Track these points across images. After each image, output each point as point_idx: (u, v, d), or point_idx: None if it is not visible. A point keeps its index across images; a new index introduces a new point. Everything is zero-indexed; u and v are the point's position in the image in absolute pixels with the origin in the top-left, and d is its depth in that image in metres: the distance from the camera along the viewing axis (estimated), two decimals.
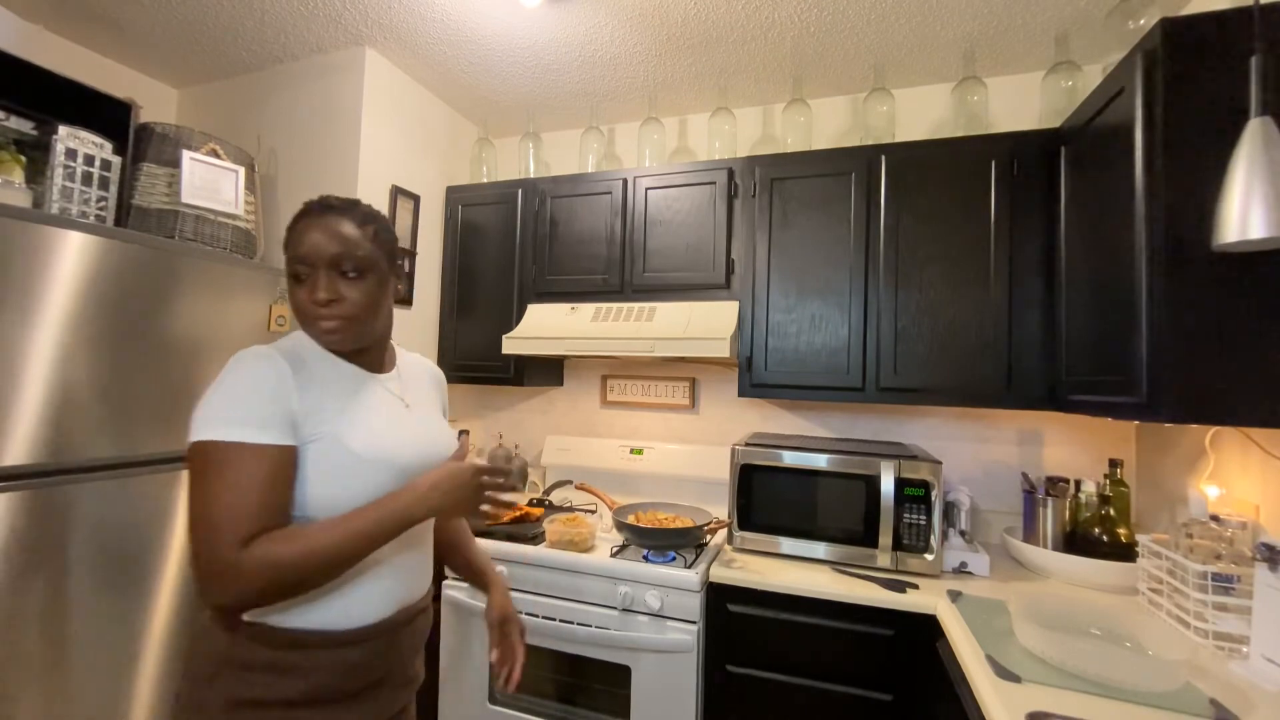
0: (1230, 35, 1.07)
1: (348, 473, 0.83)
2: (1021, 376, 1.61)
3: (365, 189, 1.99)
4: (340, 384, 0.89)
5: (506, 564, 1.68)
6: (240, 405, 0.79)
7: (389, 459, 0.87)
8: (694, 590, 1.52)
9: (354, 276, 0.87)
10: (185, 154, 1.68)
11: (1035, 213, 1.62)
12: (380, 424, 0.89)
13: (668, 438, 2.30)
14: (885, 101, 1.92)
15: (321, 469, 0.82)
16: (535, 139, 2.36)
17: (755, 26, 1.77)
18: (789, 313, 1.84)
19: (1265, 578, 1.07)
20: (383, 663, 0.88)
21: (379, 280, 0.90)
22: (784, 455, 1.69)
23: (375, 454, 0.85)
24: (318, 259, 0.85)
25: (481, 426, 2.60)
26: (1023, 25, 1.72)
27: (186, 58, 2.09)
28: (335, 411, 0.85)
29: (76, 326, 1.31)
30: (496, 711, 1.68)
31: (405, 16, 1.80)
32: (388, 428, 0.90)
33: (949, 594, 1.43)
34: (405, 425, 0.94)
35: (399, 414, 0.94)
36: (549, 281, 2.14)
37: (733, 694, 1.53)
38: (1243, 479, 1.31)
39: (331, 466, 0.82)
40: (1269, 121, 0.92)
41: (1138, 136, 1.17)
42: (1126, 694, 0.99)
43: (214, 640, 0.82)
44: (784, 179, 1.86)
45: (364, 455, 0.84)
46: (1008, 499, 1.90)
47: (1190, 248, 1.08)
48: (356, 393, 0.90)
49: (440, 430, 1.01)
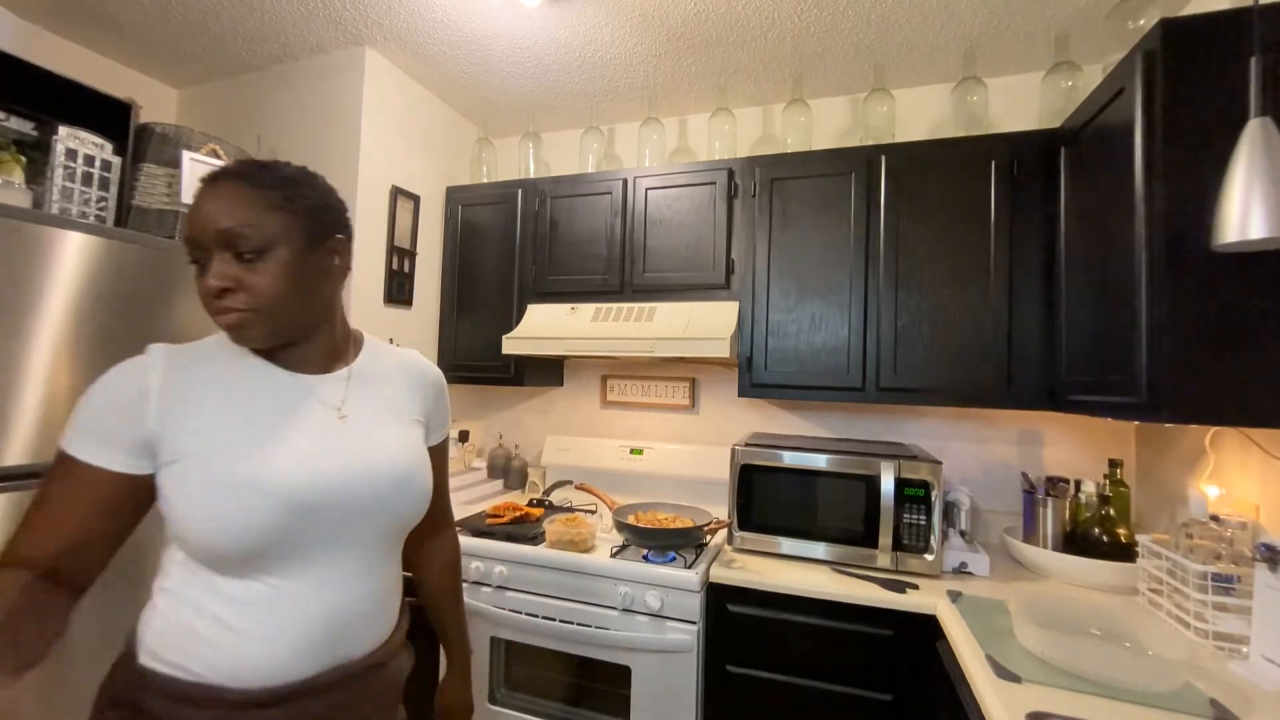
0: (1230, 35, 1.07)
1: (220, 502, 0.68)
2: (1021, 376, 1.61)
3: (365, 189, 1.99)
4: (239, 393, 0.74)
5: (506, 564, 1.68)
6: (88, 417, 0.70)
7: (266, 487, 0.69)
8: (694, 590, 1.52)
9: (251, 258, 0.71)
10: (185, 154, 1.68)
11: (1035, 213, 1.62)
12: (275, 442, 0.72)
13: (668, 438, 2.30)
14: (885, 101, 1.92)
15: (190, 495, 0.69)
16: (535, 139, 2.36)
17: (755, 27, 1.77)
18: (789, 313, 1.84)
19: (1265, 578, 1.07)
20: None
21: (294, 259, 0.73)
22: (784, 455, 1.69)
23: (245, 481, 0.69)
24: (206, 238, 0.70)
25: (481, 426, 2.60)
26: (1023, 25, 1.72)
27: (186, 58, 2.09)
28: (212, 428, 0.71)
29: (76, 326, 1.31)
30: (496, 711, 1.68)
31: (405, 17, 1.80)
32: (284, 448, 0.72)
33: (949, 594, 1.43)
34: (324, 442, 0.76)
35: (322, 428, 0.77)
36: (549, 281, 2.14)
37: (733, 694, 1.53)
38: (1243, 479, 1.31)
39: (201, 493, 0.69)
40: (1269, 122, 0.92)
41: (1138, 136, 1.17)
42: (1126, 694, 0.99)
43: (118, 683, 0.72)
44: (784, 179, 1.86)
45: (230, 482, 0.69)
46: (1008, 499, 1.90)
47: (1190, 248, 1.08)
48: (260, 402, 0.75)
49: (392, 447, 0.82)
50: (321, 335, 0.81)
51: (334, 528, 0.74)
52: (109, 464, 0.69)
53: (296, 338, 0.78)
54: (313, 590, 0.73)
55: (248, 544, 0.68)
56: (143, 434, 0.70)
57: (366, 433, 0.80)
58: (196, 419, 0.71)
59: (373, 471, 0.78)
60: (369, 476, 0.77)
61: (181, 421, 0.71)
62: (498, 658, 1.72)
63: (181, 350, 0.76)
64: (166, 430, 0.70)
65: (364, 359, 0.87)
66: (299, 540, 0.72)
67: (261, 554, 0.70)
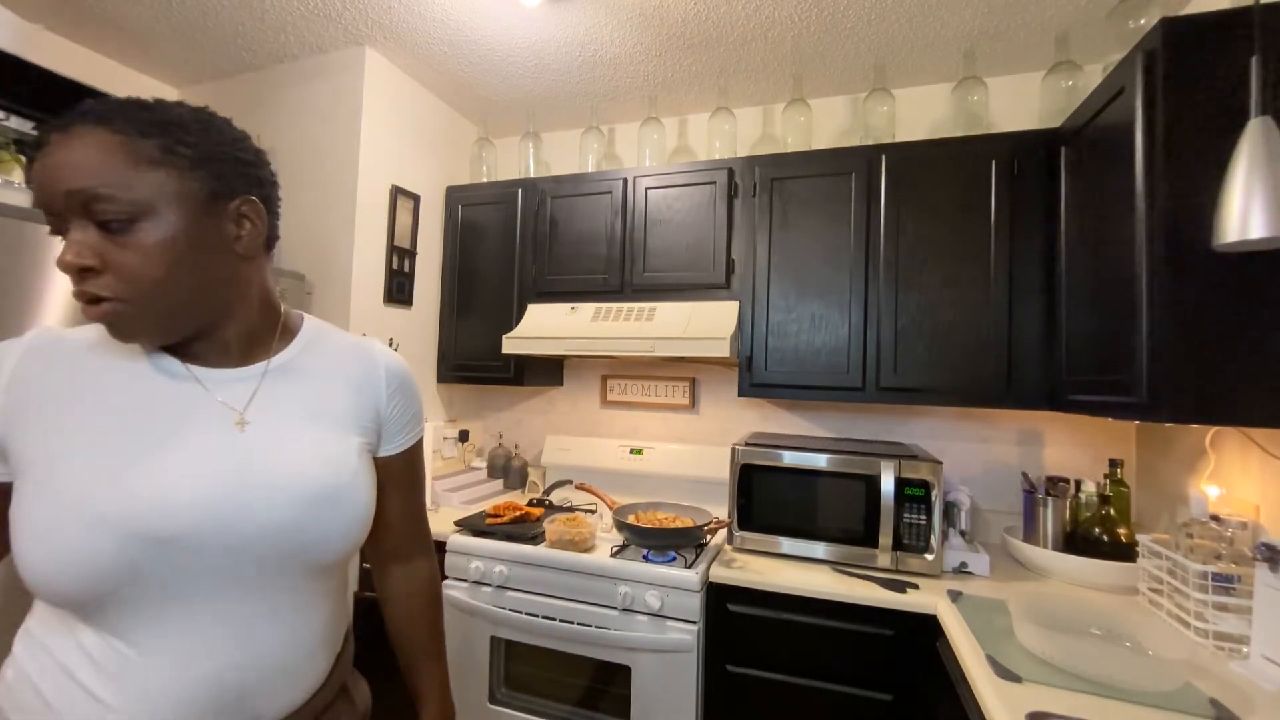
0: (1230, 35, 1.07)
1: (51, 529, 0.53)
2: (1021, 376, 1.61)
3: (365, 189, 1.99)
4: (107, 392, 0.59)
5: (506, 564, 1.68)
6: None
7: (119, 513, 0.54)
8: (694, 590, 1.52)
9: (119, 229, 0.54)
10: None
11: (1035, 213, 1.62)
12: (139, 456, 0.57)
13: (668, 438, 2.30)
14: (885, 101, 1.92)
15: (23, 518, 0.55)
16: (535, 139, 2.36)
17: (755, 26, 1.77)
18: (789, 312, 1.84)
19: (1265, 578, 1.07)
20: None
21: (179, 231, 0.56)
22: (784, 455, 1.69)
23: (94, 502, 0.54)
24: (52, 203, 0.54)
25: (481, 426, 2.60)
26: (1023, 25, 1.72)
27: (187, 58, 2.09)
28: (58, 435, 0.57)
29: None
30: (496, 711, 1.68)
31: (405, 16, 1.80)
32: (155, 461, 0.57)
33: (949, 594, 1.43)
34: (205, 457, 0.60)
35: (210, 438, 0.61)
36: (549, 281, 2.14)
37: (733, 694, 1.53)
38: (1243, 479, 1.31)
39: (33, 516, 0.54)
40: (1269, 121, 0.92)
41: (1138, 137, 1.17)
42: (1126, 694, 0.99)
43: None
44: (784, 179, 1.86)
45: (71, 502, 0.54)
46: (1008, 499, 1.90)
47: (1190, 248, 1.08)
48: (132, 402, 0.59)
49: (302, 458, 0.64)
50: (233, 323, 0.65)
51: (215, 567, 0.58)
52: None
53: (196, 330, 0.62)
54: (195, 648, 0.57)
55: (82, 586, 0.53)
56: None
57: (271, 444, 0.63)
58: (46, 423, 0.57)
59: (270, 493, 0.61)
60: (264, 500, 0.60)
61: (29, 425, 0.57)
62: (498, 658, 1.72)
63: (51, 336, 0.62)
64: (14, 434, 0.57)
65: (293, 350, 0.70)
66: (165, 582, 0.56)
67: (110, 599, 0.55)
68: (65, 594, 0.54)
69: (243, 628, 0.60)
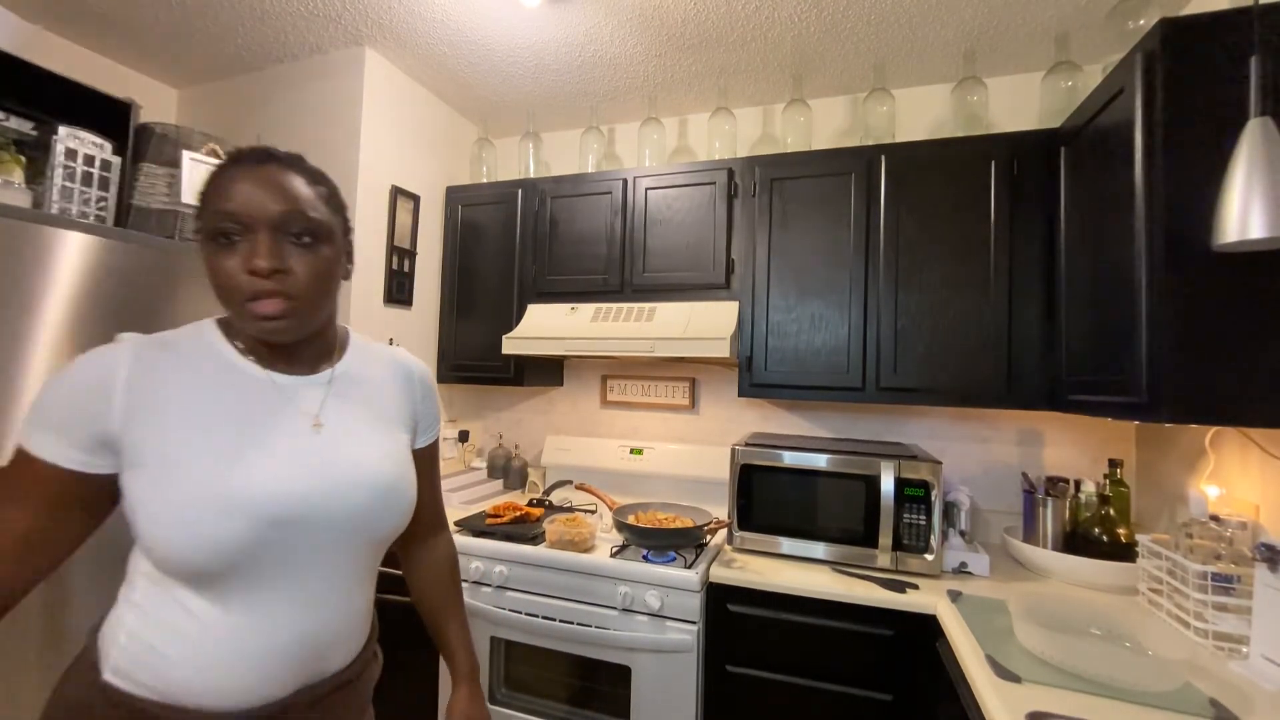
0: (1230, 35, 1.07)
1: (175, 515, 0.64)
2: (1021, 377, 1.61)
3: (365, 189, 1.99)
4: (212, 393, 0.69)
5: (506, 564, 1.68)
6: (40, 406, 0.65)
7: (236, 500, 0.65)
8: (694, 590, 1.52)
9: (309, 243, 0.68)
10: (185, 154, 1.68)
11: (1035, 213, 1.62)
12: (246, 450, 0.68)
13: (668, 438, 2.30)
14: (885, 101, 1.92)
15: (156, 504, 0.64)
16: (535, 139, 2.36)
17: (755, 27, 1.77)
18: (789, 312, 1.84)
19: (1265, 578, 1.07)
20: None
21: (333, 255, 0.72)
22: (784, 455, 1.69)
23: (215, 493, 0.65)
24: (257, 217, 0.65)
25: (481, 426, 2.60)
26: (1023, 25, 1.72)
27: (186, 58, 2.09)
28: (179, 431, 0.66)
29: (76, 327, 1.31)
30: (496, 711, 1.68)
31: (405, 16, 1.80)
32: (257, 456, 0.68)
33: (949, 594, 1.43)
34: (296, 452, 0.71)
35: (295, 438, 0.72)
36: (549, 281, 2.14)
37: (732, 694, 1.53)
38: (1243, 479, 1.31)
39: (167, 502, 0.64)
40: (1269, 121, 0.92)
41: (1138, 136, 1.17)
42: (1126, 694, 0.99)
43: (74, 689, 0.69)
44: (784, 179, 1.86)
45: (198, 493, 0.64)
46: (1008, 499, 1.90)
47: (1190, 248, 1.08)
48: (233, 406, 0.70)
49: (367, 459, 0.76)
50: (321, 335, 0.78)
51: (307, 546, 0.70)
52: (63, 461, 0.64)
53: (307, 336, 0.75)
54: (285, 611, 0.69)
55: (214, 560, 0.64)
56: (104, 431, 0.65)
57: (342, 444, 0.75)
58: (163, 420, 0.66)
59: (347, 487, 0.73)
60: (342, 492, 0.72)
61: (147, 421, 0.65)
62: (498, 658, 1.72)
63: (153, 341, 0.70)
64: (131, 430, 0.65)
65: (349, 360, 0.82)
66: (270, 558, 0.68)
67: (229, 571, 0.66)
68: (197, 566, 0.64)
69: (319, 595, 0.72)
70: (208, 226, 0.67)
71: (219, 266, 0.66)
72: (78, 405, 0.65)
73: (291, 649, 0.69)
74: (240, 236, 0.66)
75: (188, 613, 0.66)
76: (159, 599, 0.67)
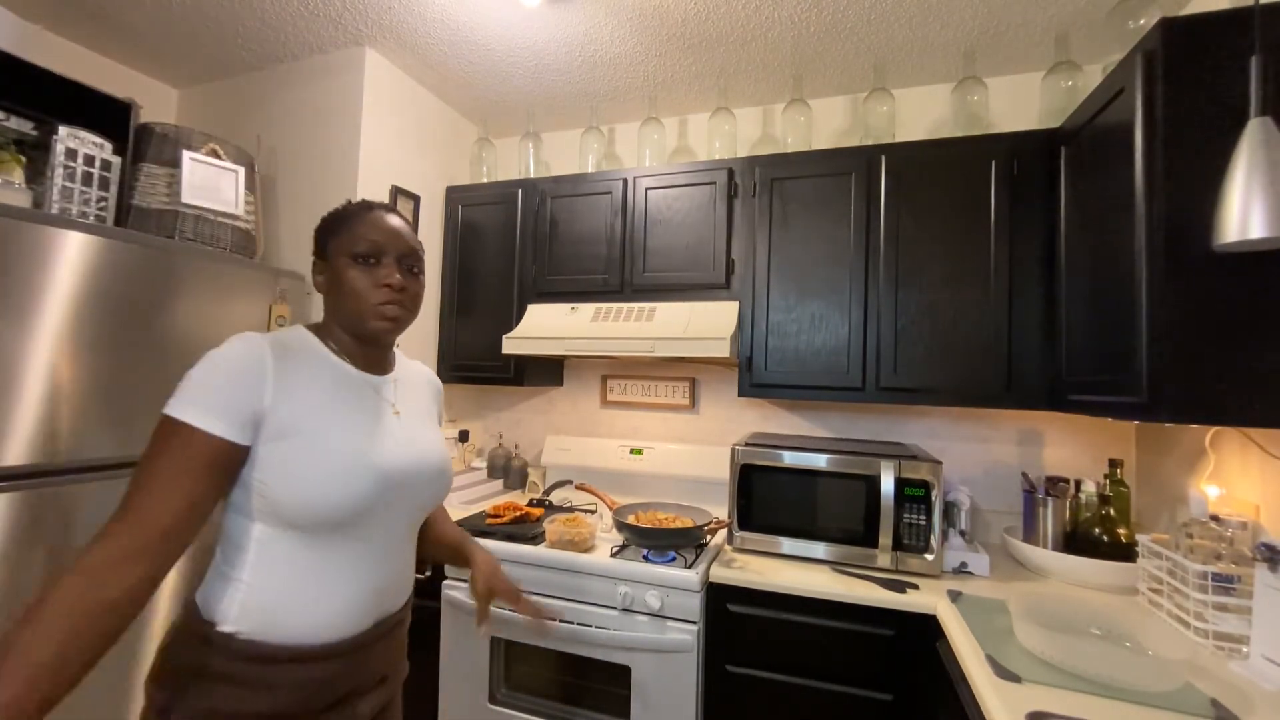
0: (1230, 35, 1.07)
1: (318, 476, 0.80)
2: (1021, 376, 1.61)
3: (365, 189, 1.99)
4: (329, 383, 0.86)
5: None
6: (199, 385, 0.77)
7: (365, 466, 0.83)
8: (694, 590, 1.52)
9: (416, 273, 0.93)
10: (185, 154, 1.68)
11: (1035, 213, 1.62)
12: (364, 428, 0.87)
13: (668, 438, 2.30)
14: (885, 101, 1.92)
15: (292, 468, 0.79)
16: (535, 139, 2.36)
17: (755, 26, 1.77)
18: (789, 312, 1.84)
19: (1265, 578, 1.07)
20: (351, 678, 0.86)
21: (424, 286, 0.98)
22: (784, 455, 1.69)
23: (351, 459, 0.82)
24: (394, 247, 0.89)
25: (481, 426, 2.60)
26: (1023, 25, 1.72)
27: (186, 58, 2.09)
28: (316, 410, 0.82)
29: (76, 327, 1.31)
30: (496, 711, 1.68)
31: (405, 16, 1.80)
32: (372, 433, 0.87)
33: (949, 594, 1.43)
34: (391, 433, 0.90)
35: (387, 420, 0.91)
36: (549, 281, 2.14)
37: (733, 694, 1.53)
38: (1243, 479, 1.31)
39: (307, 466, 0.79)
40: (1269, 121, 0.92)
41: (1138, 136, 1.17)
42: (1126, 694, 0.99)
43: (186, 649, 0.80)
44: (784, 179, 1.86)
45: (337, 459, 0.81)
46: (1008, 499, 1.90)
47: (1190, 248, 1.08)
48: (344, 393, 0.88)
49: (432, 442, 0.97)
50: (389, 347, 0.99)
51: (396, 506, 0.89)
52: (223, 433, 0.76)
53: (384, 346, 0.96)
54: (370, 560, 0.87)
55: (345, 511, 0.81)
56: (256, 409, 0.78)
57: (415, 429, 0.96)
58: (303, 401, 0.82)
59: (423, 461, 0.93)
60: (420, 465, 0.92)
61: (290, 401, 0.80)
62: (498, 657, 1.72)
63: (279, 339, 0.85)
64: (278, 408, 0.79)
65: (399, 368, 1.01)
66: (372, 515, 0.85)
67: (345, 523, 0.82)
68: (331, 517, 0.80)
69: (392, 548, 0.90)
70: (353, 250, 0.87)
71: (356, 278, 0.87)
72: (238, 386, 0.77)
73: (372, 591, 0.87)
74: (376, 262, 0.88)
75: (300, 564, 0.81)
76: (275, 559, 0.80)
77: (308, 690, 0.81)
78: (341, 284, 0.87)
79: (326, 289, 0.90)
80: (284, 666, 0.79)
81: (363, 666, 0.87)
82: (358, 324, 0.88)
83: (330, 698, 0.83)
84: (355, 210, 0.91)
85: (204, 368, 0.78)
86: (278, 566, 0.80)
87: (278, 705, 0.79)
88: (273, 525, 0.80)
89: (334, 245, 0.89)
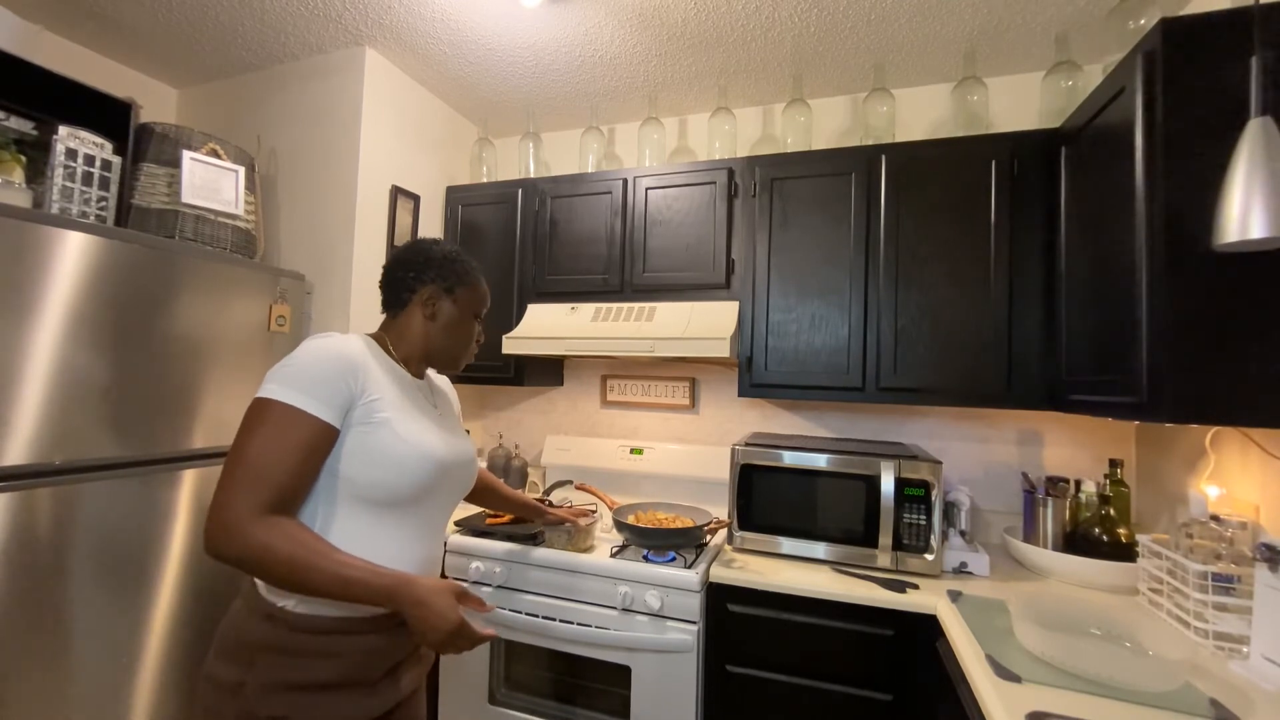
0: (1230, 35, 1.07)
1: (396, 459, 0.92)
2: (1021, 376, 1.61)
3: (365, 189, 1.99)
4: (394, 383, 0.99)
5: (506, 564, 1.68)
6: (305, 375, 0.87)
7: (430, 453, 0.96)
8: (694, 590, 1.52)
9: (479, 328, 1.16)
10: (185, 154, 1.68)
11: (1035, 212, 1.62)
12: (423, 421, 1.00)
13: (668, 438, 2.30)
14: (885, 101, 1.92)
15: (374, 452, 0.91)
16: (535, 139, 2.36)
17: (755, 27, 1.77)
18: (789, 312, 1.84)
19: (1265, 578, 1.07)
20: (401, 647, 0.96)
21: None
22: (784, 455, 1.69)
23: (420, 446, 0.95)
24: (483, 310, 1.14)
25: (481, 426, 2.60)
26: (1023, 25, 1.72)
27: (186, 58, 2.09)
28: (390, 404, 0.94)
29: (76, 327, 1.31)
30: (497, 711, 1.68)
31: (405, 16, 1.80)
32: (429, 427, 1.00)
33: (949, 594, 1.43)
34: (439, 427, 1.04)
35: (433, 417, 1.05)
36: (549, 281, 2.14)
37: (733, 694, 1.53)
38: (1243, 479, 1.31)
39: (383, 451, 0.91)
40: (1269, 121, 0.92)
41: (1138, 136, 1.17)
42: (1126, 694, 0.99)
43: (252, 626, 0.88)
44: (784, 179, 1.86)
45: (411, 446, 0.94)
46: (1008, 499, 1.90)
47: (1190, 248, 1.08)
48: (405, 393, 1.01)
49: (465, 438, 1.12)
50: None
51: (444, 489, 1.03)
52: (326, 417, 0.87)
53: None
54: (426, 533, 1.00)
55: (416, 489, 0.95)
56: (350, 398, 0.90)
57: (451, 425, 1.11)
58: (383, 394, 0.94)
59: (464, 453, 1.08)
60: (460, 456, 1.06)
61: (375, 393, 0.93)
62: (498, 657, 1.72)
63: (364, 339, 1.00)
64: (366, 397, 0.92)
65: (430, 375, 1.17)
66: (430, 495, 0.99)
67: (413, 498, 0.95)
68: (401, 495, 0.94)
69: (439, 526, 1.06)
70: (476, 310, 1.11)
71: (469, 332, 1.11)
72: (340, 376, 0.89)
73: (425, 560, 1.01)
74: (479, 321, 1.13)
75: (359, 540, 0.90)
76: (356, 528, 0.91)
77: (369, 658, 0.91)
78: (459, 328, 1.08)
79: (436, 319, 1.06)
80: (349, 637, 0.89)
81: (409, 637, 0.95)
82: (448, 359, 1.10)
83: (384, 666, 0.94)
84: (479, 274, 1.12)
85: (311, 358, 0.89)
86: (361, 538, 0.90)
87: (340, 672, 0.89)
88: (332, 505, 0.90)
89: (465, 296, 1.08)
